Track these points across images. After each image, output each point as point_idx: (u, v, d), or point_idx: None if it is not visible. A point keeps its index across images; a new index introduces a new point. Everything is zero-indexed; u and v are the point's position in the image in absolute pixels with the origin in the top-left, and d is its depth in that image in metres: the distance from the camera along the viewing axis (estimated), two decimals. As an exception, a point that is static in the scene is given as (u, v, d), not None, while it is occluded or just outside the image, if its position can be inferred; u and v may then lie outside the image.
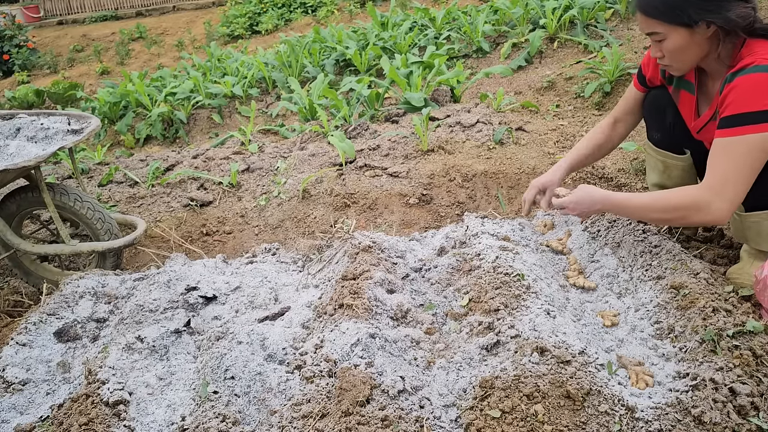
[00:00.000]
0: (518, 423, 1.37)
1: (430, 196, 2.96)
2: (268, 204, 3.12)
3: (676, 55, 1.74)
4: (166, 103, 5.75)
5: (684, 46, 1.70)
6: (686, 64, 1.77)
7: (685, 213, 1.70)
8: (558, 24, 5.30)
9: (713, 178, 1.65)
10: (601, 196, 1.88)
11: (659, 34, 1.71)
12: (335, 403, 1.47)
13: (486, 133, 3.50)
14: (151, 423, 1.59)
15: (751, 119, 1.58)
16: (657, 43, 1.74)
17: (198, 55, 8.81)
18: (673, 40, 1.70)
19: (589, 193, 1.91)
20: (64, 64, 11.23)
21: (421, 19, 6.69)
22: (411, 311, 1.86)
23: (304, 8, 11.36)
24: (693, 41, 1.69)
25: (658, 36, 1.72)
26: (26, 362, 1.91)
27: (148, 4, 15.36)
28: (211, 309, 2.06)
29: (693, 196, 1.68)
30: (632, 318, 1.79)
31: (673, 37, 1.69)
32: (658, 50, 1.76)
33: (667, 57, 1.76)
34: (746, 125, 1.59)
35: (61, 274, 2.59)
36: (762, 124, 1.57)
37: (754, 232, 1.80)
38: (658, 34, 1.71)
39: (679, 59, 1.75)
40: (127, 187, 3.52)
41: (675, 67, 1.80)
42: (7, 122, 2.73)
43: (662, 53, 1.76)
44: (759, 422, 1.34)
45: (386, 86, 4.59)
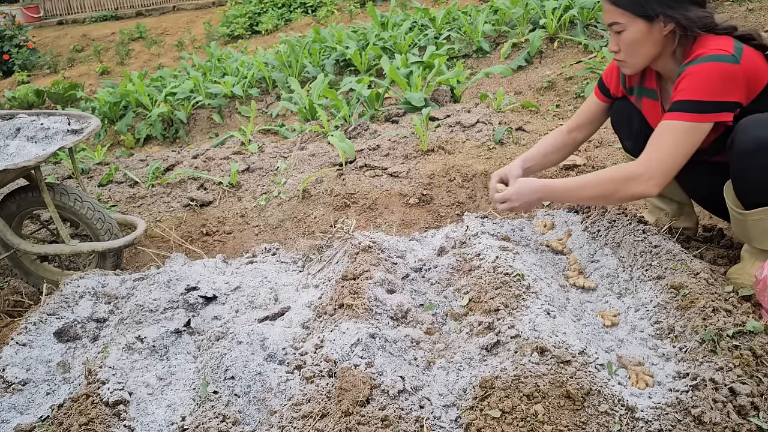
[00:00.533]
0: (518, 423, 1.37)
1: (430, 196, 2.96)
2: (268, 204, 3.12)
3: (631, 48, 1.79)
4: (166, 103, 5.75)
5: (640, 40, 1.76)
6: (639, 60, 1.82)
7: (618, 185, 1.78)
8: (558, 24, 5.30)
9: (649, 156, 1.74)
10: (540, 184, 1.95)
11: (620, 24, 1.76)
12: (335, 403, 1.47)
13: (486, 133, 3.50)
14: (151, 423, 1.59)
15: (695, 107, 1.67)
16: (616, 35, 1.80)
17: (198, 55, 8.81)
18: (632, 32, 1.75)
19: (529, 183, 1.97)
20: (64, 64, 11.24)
21: (421, 19, 6.69)
22: (411, 311, 1.86)
23: (304, 8, 11.36)
24: (650, 36, 1.75)
25: (618, 26, 1.77)
26: (26, 362, 1.91)
27: (148, 4, 15.37)
28: (211, 309, 2.06)
29: (627, 169, 1.79)
30: (632, 318, 1.79)
31: (632, 28, 1.75)
32: (615, 43, 1.82)
33: (623, 50, 1.81)
34: (688, 112, 1.68)
35: (61, 274, 2.59)
36: (702, 114, 1.66)
37: (759, 231, 1.79)
38: (618, 24, 1.76)
39: (634, 53, 1.80)
40: (127, 187, 3.52)
41: (628, 63, 1.84)
42: (7, 122, 2.73)
43: (619, 47, 1.81)
44: (759, 422, 1.34)
45: (386, 86, 4.59)
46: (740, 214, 1.81)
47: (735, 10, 5.06)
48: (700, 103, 1.66)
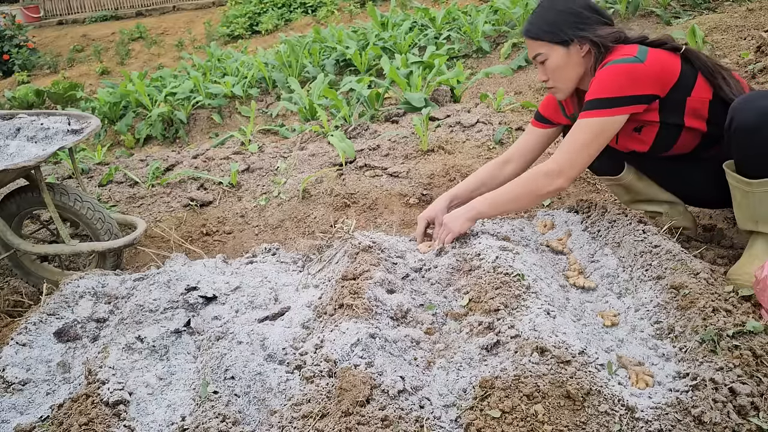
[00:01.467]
0: (518, 423, 1.37)
1: (430, 196, 2.96)
2: (268, 204, 3.12)
3: (557, 74, 1.95)
4: (166, 103, 5.75)
5: (563, 64, 1.93)
6: (567, 83, 1.98)
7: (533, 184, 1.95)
8: (558, 24, 5.30)
9: (561, 153, 1.91)
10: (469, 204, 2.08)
11: (542, 54, 1.93)
12: (335, 403, 1.47)
13: (486, 133, 3.50)
14: (151, 423, 1.59)
15: (603, 104, 1.82)
16: (541, 65, 1.97)
17: (198, 55, 8.81)
18: (554, 59, 1.93)
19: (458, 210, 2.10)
20: (64, 64, 11.23)
21: (421, 19, 6.69)
22: (411, 311, 1.86)
23: (304, 8, 11.36)
24: (570, 59, 1.92)
25: (541, 56, 1.94)
26: (26, 362, 1.91)
27: (148, 4, 15.37)
28: (211, 309, 2.05)
29: (540, 168, 1.95)
30: (632, 318, 1.79)
31: (553, 56, 1.92)
32: (543, 73, 1.98)
33: (551, 77, 1.97)
34: (597, 109, 1.83)
35: (61, 274, 2.59)
36: (611, 109, 1.82)
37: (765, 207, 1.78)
38: (540, 54, 1.93)
39: (561, 77, 1.96)
40: (127, 187, 3.52)
41: (560, 88, 1.99)
42: (7, 122, 2.73)
43: (546, 75, 1.97)
44: (759, 422, 1.34)
45: (386, 86, 4.59)
46: (747, 184, 1.78)
47: (735, 10, 5.06)
48: (608, 100, 1.81)
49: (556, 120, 2.21)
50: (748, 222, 1.86)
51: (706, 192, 2.08)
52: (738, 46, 4.20)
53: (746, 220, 1.86)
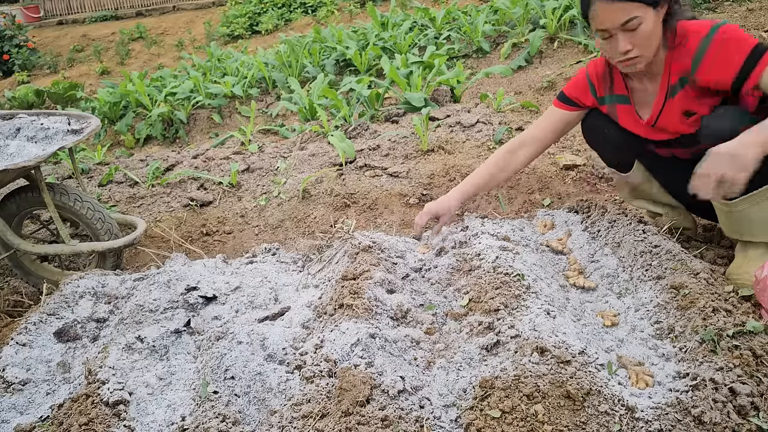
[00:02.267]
0: (518, 423, 1.37)
1: (430, 196, 2.96)
2: (268, 204, 3.12)
3: (649, 41, 1.73)
4: (166, 103, 5.75)
5: (653, 28, 1.72)
6: (653, 51, 1.76)
7: None
8: (558, 24, 5.30)
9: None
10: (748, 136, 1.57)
11: (636, 18, 1.69)
12: (335, 403, 1.47)
13: (486, 133, 3.50)
14: (151, 423, 1.59)
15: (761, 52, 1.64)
16: (628, 33, 1.72)
17: (198, 55, 8.81)
18: (648, 23, 1.70)
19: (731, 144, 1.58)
20: (64, 64, 11.23)
21: (421, 19, 6.69)
22: (411, 311, 1.86)
23: (304, 8, 11.35)
24: (657, 23, 1.72)
25: (634, 23, 1.69)
26: (26, 362, 1.91)
27: (148, 4, 15.36)
28: (211, 309, 2.05)
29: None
30: (632, 318, 1.79)
31: (648, 18, 1.69)
32: (628, 42, 1.73)
33: (639, 45, 1.73)
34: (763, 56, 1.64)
35: (61, 274, 2.59)
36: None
37: (746, 222, 1.80)
38: (635, 19, 1.69)
39: (650, 45, 1.74)
40: (127, 187, 3.52)
41: (644, 57, 1.76)
42: (7, 122, 2.73)
43: (632, 45, 1.73)
44: (759, 422, 1.34)
45: (386, 86, 4.59)
46: (725, 206, 1.81)
47: (735, 10, 5.06)
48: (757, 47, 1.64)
49: (583, 101, 2.07)
50: (733, 234, 1.89)
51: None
52: (738, 46, 4.19)
53: (731, 233, 1.90)
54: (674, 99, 1.83)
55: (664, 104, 1.87)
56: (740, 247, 1.89)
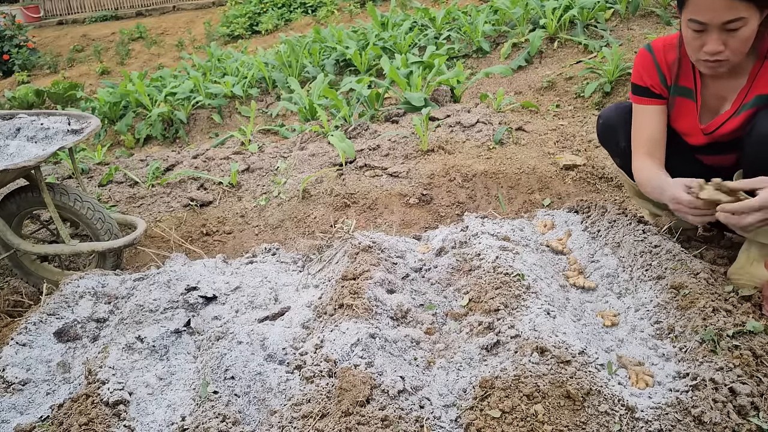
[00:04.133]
0: (518, 423, 1.37)
1: (430, 196, 2.96)
2: (268, 204, 3.12)
3: (745, 45, 1.56)
4: (166, 103, 5.75)
5: (753, 33, 1.55)
6: (743, 56, 1.60)
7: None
8: (558, 24, 5.30)
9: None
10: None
11: (741, 20, 1.51)
12: (335, 403, 1.47)
13: (486, 133, 3.50)
14: (151, 423, 1.59)
15: None
16: (727, 32, 1.54)
17: (198, 55, 8.81)
18: (752, 26, 1.53)
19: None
20: (64, 64, 11.23)
21: (421, 19, 6.69)
22: (411, 311, 1.86)
23: (304, 8, 11.35)
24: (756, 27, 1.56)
25: (738, 23, 1.51)
26: (26, 362, 1.91)
27: (148, 4, 15.35)
28: (211, 309, 2.05)
29: None
30: (632, 318, 1.79)
31: (752, 22, 1.52)
32: (721, 42, 1.55)
33: (734, 49, 1.56)
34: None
35: (61, 274, 2.59)
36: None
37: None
38: (740, 20, 1.51)
39: (744, 50, 1.57)
40: (127, 187, 3.52)
41: (731, 61, 1.60)
42: (7, 122, 2.73)
43: (725, 45, 1.56)
44: (759, 422, 1.34)
45: (386, 86, 4.59)
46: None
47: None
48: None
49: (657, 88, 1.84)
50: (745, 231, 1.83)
51: None
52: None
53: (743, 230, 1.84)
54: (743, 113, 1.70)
55: (732, 116, 1.74)
56: (746, 246, 1.87)
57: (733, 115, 1.75)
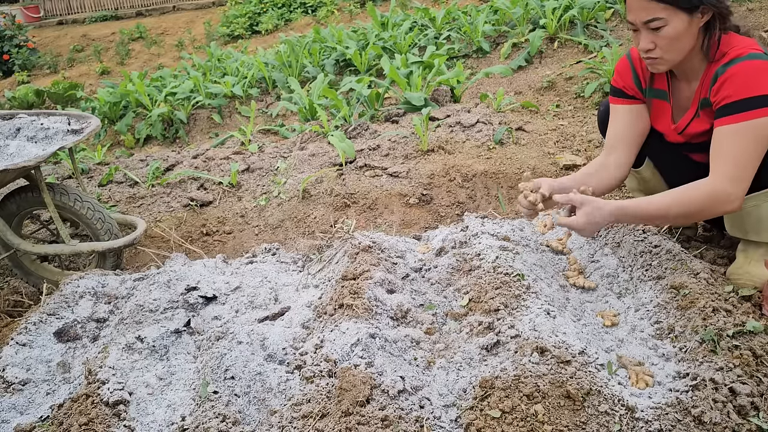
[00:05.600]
0: (518, 423, 1.37)
1: (430, 196, 2.96)
2: (268, 204, 3.12)
3: (672, 45, 1.68)
4: (166, 103, 5.75)
5: (682, 34, 1.66)
6: (677, 56, 1.72)
7: (706, 207, 1.68)
8: (558, 24, 5.30)
9: (727, 166, 1.64)
10: (614, 207, 1.76)
11: (660, 20, 1.64)
12: (335, 403, 1.47)
13: (486, 133, 3.50)
14: (151, 423, 1.59)
15: (757, 103, 1.59)
16: (652, 31, 1.68)
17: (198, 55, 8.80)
18: (674, 27, 1.65)
19: (599, 207, 1.76)
20: (64, 64, 11.23)
21: (421, 19, 6.69)
22: (411, 311, 1.86)
23: (304, 8, 11.35)
24: (689, 29, 1.66)
25: (657, 22, 1.65)
26: (26, 362, 1.91)
27: (148, 4, 15.35)
28: (211, 309, 2.05)
29: (712, 189, 1.66)
30: (632, 318, 1.79)
31: (674, 22, 1.64)
32: (651, 41, 1.69)
33: (662, 47, 1.69)
34: (753, 110, 1.60)
35: (61, 274, 2.59)
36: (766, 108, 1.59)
37: (754, 219, 1.77)
38: (658, 20, 1.64)
39: (674, 49, 1.69)
40: (127, 187, 3.52)
41: (665, 60, 1.73)
42: (7, 122, 2.73)
43: (655, 44, 1.70)
44: (759, 422, 1.34)
45: (386, 86, 4.59)
46: None
47: (735, 10, 5.06)
48: (755, 99, 1.59)
49: (634, 94, 1.96)
50: (737, 231, 1.86)
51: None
52: (738, 46, 4.19)
53: (736, 230, 1.87)
54: (704, 112, 1.78)
55: (694, 117, 1.82)
56: (742, 247, 1.88)
57: (695, 116, 1.82)
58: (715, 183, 1.66)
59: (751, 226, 1.80)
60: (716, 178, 1.66)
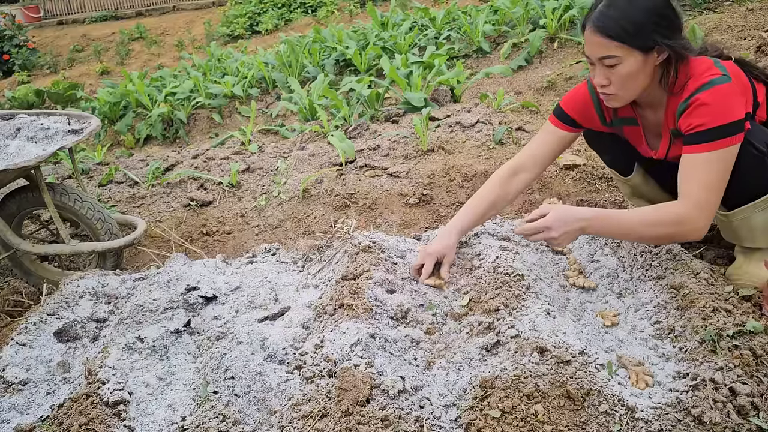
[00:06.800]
0: (518, 423, 1.37)
1: (430, 196, 2.96)
2: (268, 204, 3.12)
3: (626, 82, 1.68)
4: (166, 103, 5.75)
5: (636, 72, 1.66)
6: (632, 93, 1.72)
7: (672, 230, 1.67)
8: (558, 24, 5.30)
9: (698, 194, 1.63)
10: (585, 212, 1.75)
11: (614, 58, 1.64)
12: (335, 403, 1.47)
13: (486, 133, 3.50)
14: (151, 423, 1.59)
15: (724, 132, 1.59)
16: (606, 68, 1.67)
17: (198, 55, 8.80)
18: (628, 65, 1.64)
19: (570, 211, 1.75)
20: (64, 64, 11.23)
21: (421, 19, 6.69)
22: (411, 311, 1.86)
23: (304, 8, 11.35)
24: (645, 68, 1.66)
25: (612, 60, 1.65)
26: (26, 362, 1.91)
27: (148, 4, 15.36)
28: (211, 309, 2.06)
29: (680, 213, 1.66)
30: (632, 318, 1.79)
31: (628, 61, 1.64)
32: (605, 77, 1.69)
33: (616, 84, 1.69)
34: (720, 139, 1.60)
35: (61, 274, 2.59)
36: (734, 136, 1.60)
37: (745, 230, 1.80)
38: (612, 58, 1.64)
39: (628, 86, 1.69)
40: (127, 187, 3.52)
41: (620, 96, 1.73)
42: (7, 122, 2.73)
43: (609, 80, 1.69)
44: (759, 422, 1.34)
45: (386, 86, 4.59)
46: (724, 216, 1.81)
47: (735, 10, 5.06)
48: (725, 127, 1.59)
49: (585, 123, 1.97)
50: (732, 239, 1.89)
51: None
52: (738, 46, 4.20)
53: (731, 238, 1.89)
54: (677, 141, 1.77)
55: (670, 144, 1.83)
56: (740, 248, 1.89)
57: (671, 143, 1.83)
58: (686, 208, 1.65)
59: (744, 235, 1.82)
60: (686, 204, 1.65)
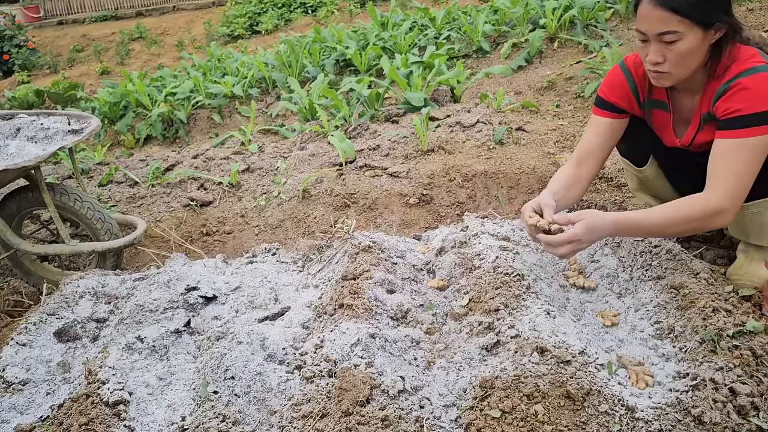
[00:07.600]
0: (518, 423, 1.37)
1: (430, 196, 2.96)
2: (268, 204, 3.12)
3: (683, 60, 1.62)
4: (166, 103, 5.75)
5: (695, 50, 1.60)
6: (686, 71, 1.66)
7: (704, 223, 1.66)
8: (558, 24, 5.30)
9: (728, 183, 1.61)
10: (613, 217, 1.71)
11: (675, 33, 1.57)
12: (335, 403, 1.47)
13: (486, 133, 3.50)
14: (151, 423, 1.59)
15: (761, 120, 1.56)
16: (664, 45, 1.61)
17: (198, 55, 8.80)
18: (688, 42, 1.58)
19: (600, 217, 1.70)
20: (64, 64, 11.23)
21: (421, 19, 6.69)
22: (411, 311, 1.86)
23: (304, 8, 11.35)
24: (701, 46, 1.61)
25: (671, 36, 1.58)
26: (26, 362, 1.91)
27: (148, 4, 15.35)
28: (211, 309, 2.06)
29: (712, 205, 1.63)
30: (632, 318, 1.79)
31: (688, 38, 1.58)
32: (661, 54, 1.62)
33: (671, 62, 1.63)
34: (756, 126, 1.57)
35: (61, 274, 2.59)
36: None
37: (756, 225, 1.78)
38: (673, 33, 1.57)
39: (683, 64, 1.63)
40: (127, 187, 3.52)
41: (673, 75, 1.67)
42: (7, 122, 2.73)
43: (664, 57, 1.63)
44: (759, 422, 1.34)
45: (386, 86, 4.59)
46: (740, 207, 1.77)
47: (735, 10, 5.04)
48: (763, 114, 1.55)
49: (625, 106, 1.90)
50: (739, 234, 1.87)
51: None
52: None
53: (737, 232, 1.87)
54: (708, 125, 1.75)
55: (698, 130, 1.80)
56: (742, 247, 1.88)
57: (699, 129, 1.79)
58: (714, 198, 1.63)
59: (753, 230, 1.80)
60: (716, 193, 1.63)
